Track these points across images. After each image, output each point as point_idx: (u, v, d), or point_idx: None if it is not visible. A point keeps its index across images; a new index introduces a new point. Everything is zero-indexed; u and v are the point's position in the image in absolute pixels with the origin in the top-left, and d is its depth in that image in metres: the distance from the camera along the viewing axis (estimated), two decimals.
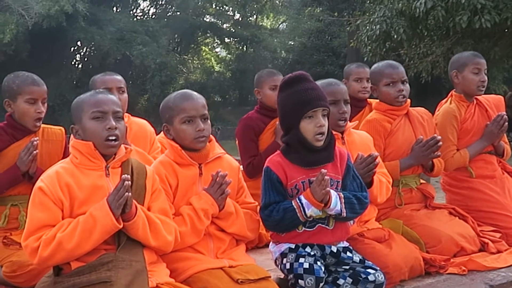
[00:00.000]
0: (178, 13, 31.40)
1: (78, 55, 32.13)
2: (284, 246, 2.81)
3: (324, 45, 27.77)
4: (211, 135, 2.95)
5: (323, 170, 2.60)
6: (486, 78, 3.90)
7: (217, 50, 35.60)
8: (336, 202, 2.67)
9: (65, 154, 3.34)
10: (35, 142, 3.21)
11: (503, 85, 18.28)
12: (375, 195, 3.13)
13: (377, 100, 3.84)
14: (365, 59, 13.93)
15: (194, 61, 33.57)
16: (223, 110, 31.53)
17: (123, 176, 2.39)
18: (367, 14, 13.23)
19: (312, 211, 2.66)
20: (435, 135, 3.58)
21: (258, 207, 2.89)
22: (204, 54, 34.18)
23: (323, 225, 2.76)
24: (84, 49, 31.45)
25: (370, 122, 3.64)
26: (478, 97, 3.99)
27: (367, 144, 3.33)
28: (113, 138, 2.52)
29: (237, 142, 4.54)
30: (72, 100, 2.66)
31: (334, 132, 2.86)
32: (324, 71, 27.74)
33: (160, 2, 32.19)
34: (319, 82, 3.03)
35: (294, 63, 29.92)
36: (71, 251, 2.36)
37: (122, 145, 2.63)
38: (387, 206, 3.58)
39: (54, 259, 2.37)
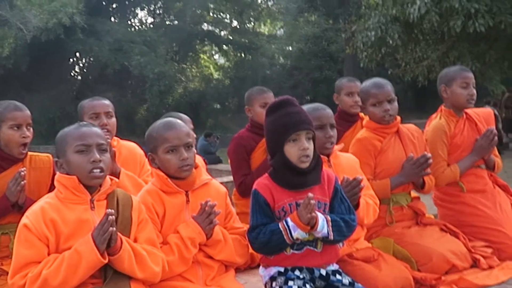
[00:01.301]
0: (176, 22, 31.53)
1: (77, 67, 32.27)
2: (273, 270, 2.81)
3: (321, 51, 27.82)
4: (197, 162, 2.96)
5: (310, 194, 2.60)
6: (474, 91, 3.90)
7: (215, 57, 35.68)
8: (323, 225, 2.68)
9: (53, 181, 3.35)
10: (22, 173, 3.21)
11: (501, 86, 18.27)
12: (361, 218, 3.12)
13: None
14: (362, 65, 13.97)
15: (193, 70, 33.64)
16: (223, 117, 31.57)
17: (107, 210, 2.40)
18: (363, 20, 13.25)
19: (298, 233, 2.66)
20: (425, 153, 3.58)
21: None
22: (202, 62, 34.26)
23: (312, 248, 2.76)
24: (83, 61, 31.58)
25: (361, 141, 3.64)
26: (467, 110, 3.99)
27: (353, 167, 3.33)
28: (98, 170, 2.53)
29: (229, 161, 4.55)
30: (72, 112, 2.68)
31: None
32: (322, 76, 27.81)
33: (158, 12, 32.33)
34: (305, 107, 3.05)
35: (292, 69, 29.97)
36: None
37: (108, 177, 2.64)
38: (378, 224, 3.57)
39: None
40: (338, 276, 2.81)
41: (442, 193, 3.98)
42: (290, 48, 31.61)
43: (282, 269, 2.77)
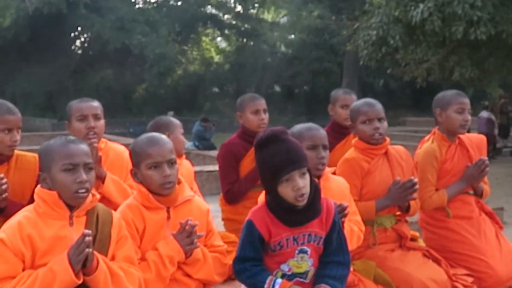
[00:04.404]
0: (179, 3, 31.39)
1: (77, 42, 32.11)
2: None
3: (323, 42, 27.77)
4: (180, 177, 2.94)
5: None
6: (469, 117, 3.85)
7: (217, 40, 35.52)
8: None
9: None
10: (2, 181, 3.14)
11: (499, 89, 18.32)
12: None
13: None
14: (361, 62, 13.93)
15: (194, 52, 33.49)
16: (220, 101, 31.52)
17: (84, 231, 2.37)
18: (365, 17, 13.18)
19: None
20: (412, 177, 3.54)
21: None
22: (204, 45, 34.10)
23: (302, 279, 2.64)
24: (84, 36, 31.43)
25: (348, 162, 3.61)
26: (461, 136, 3.95)
27: (343, 192, 3.25)
28: (83, 190, 2.50)
29: (218, 166, 4.52)
30: (70, 87, 2.60)
31: None
32: (322, 67, 27.79)
33: None
34: (299, 126, 3.02)
35: (292, 58, 29.91)
36: None
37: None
38: (362, 245, 3.51)
39: None
40: None
41: (428, 217, 3.95)
42: (293, 37, 31.50)
43: None
